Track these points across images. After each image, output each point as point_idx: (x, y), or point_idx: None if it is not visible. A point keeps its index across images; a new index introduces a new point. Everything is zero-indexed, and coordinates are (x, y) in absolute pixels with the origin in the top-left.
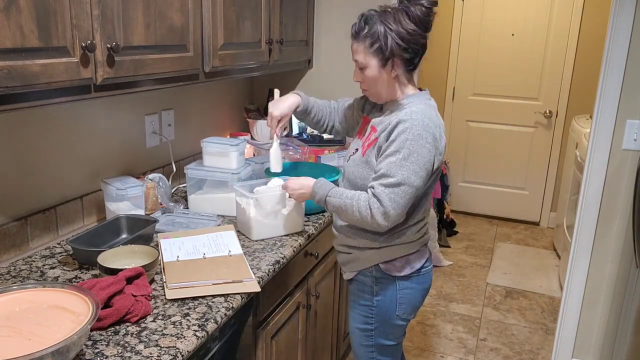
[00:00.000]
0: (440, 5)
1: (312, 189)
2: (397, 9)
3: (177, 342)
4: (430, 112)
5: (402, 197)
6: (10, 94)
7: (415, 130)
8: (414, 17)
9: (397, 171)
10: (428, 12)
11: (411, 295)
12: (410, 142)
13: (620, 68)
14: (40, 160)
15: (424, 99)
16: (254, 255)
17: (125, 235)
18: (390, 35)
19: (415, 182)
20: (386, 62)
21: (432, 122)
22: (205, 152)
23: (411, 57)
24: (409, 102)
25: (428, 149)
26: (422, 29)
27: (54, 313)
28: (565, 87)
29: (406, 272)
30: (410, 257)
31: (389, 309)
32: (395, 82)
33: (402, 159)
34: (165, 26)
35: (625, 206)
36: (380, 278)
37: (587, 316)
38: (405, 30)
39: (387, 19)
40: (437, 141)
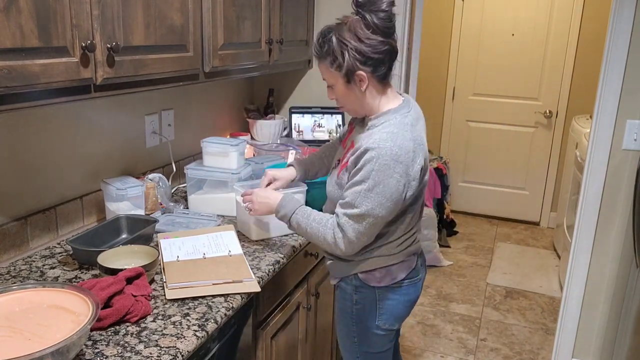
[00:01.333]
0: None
1: (276, 202)
2: (354, 20)
3: (177, 342)
4: (402, 135)
5: (366, 228)
6: (10, 94)
7: (382, 160)
8: (371, 25)
9: (362, 202)
10: (386, 17)
11: (392, 307)
12: (376, 173)
13: (620, 68)
14: (40, 160)
15: (400, 116)
16: (254, 255)
17: (125, 235)
18: (346, 50)
19: (380, 214)
20: (350, 78)
21: (403, 149)
22: (205, 152)
23: (375, 67)
24: (382, 122)
25: (396, 179)
26: (382, 35)
27: (54, 313)
28: (565, 87)
29: (386, 283)
30: (392, 268)
31: (368, 318)
32: (368, 95)
33: (366, 189)
34: (165, 26)
35: (625, 206)
36: (359, 287)
37: (587, 316)
38: (363, 41)
39: (342, 34)
40: (409, 167)
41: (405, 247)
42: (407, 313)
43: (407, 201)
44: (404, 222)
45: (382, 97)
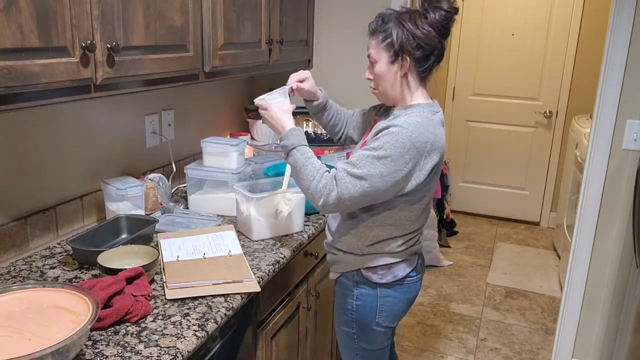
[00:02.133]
0: None
1: (285, 129)
2: (416, 11)
3: (177, 342)
4: (426, 127)
5: (358, 192)
6: (10, 94)
7: (401, 137)
8: (431, 20)
9: (365, 165)
10: (447, 17)
11: (392, 304)
12: (390, 146)
13: (621, 68)
14: (40, 160)
15: (427, 111)
16: (254, 255)
17: (125, 235)
18: (402, 31)
19: (377, 184)
20: (395, 57)
21: (422, 136)
22: (205, 152)
23: (422, 57)
24: (411, 112)
25: (406, 160)
26: (437, 32)
27: (54, 313)
28: (566, 87)
29: (387, 280)
30: (394, 266)
31: (368, 315)
32: (403, 83)
33: (374, 156)
34: (165, 26)
35: (626, 206)
36: (361, 283)
37: (587, 316)
38: (419, 29)
39: (403, 18)
40: (422, 156)
41: (409, 247)
42: (406, 311)
43: (413, 194)
44: (407, 219)
45: (416, 92)
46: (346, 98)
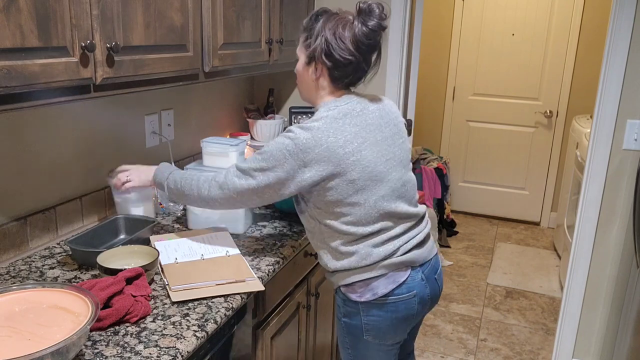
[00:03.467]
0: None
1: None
2: (345, 19)
3: (176, 343)
4: (318, 127)
5: (239, 183)
6: (10, 93)
7: (283, 137)
8: (353, 32)
9: (249, 162)
10: (368, 34)
11: (378, 323)
12: (272, 144)
13: (621, 68)
14: (40, 160)
15: (324, 110)
16: (254, 256)
17: (123, 236)
18: (321, 37)
19: (258, 178)
20: (310, 61)
21: (301, 134)
22: (205, 152)
23: (333, 66)
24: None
25: (285, 155)
26: (354, 46)
27: (53, 313)
28: (566, 87)
29: (367, 298)
30: (371, 282)
31: (356, 332)
32: (316, 87)
33: (258, 153)
34: (165, 26)
35: (626, 206)
36: (345, 300)
37: (588, 316)
38: (336, 40)
39: (328, 24)
40: (304, 152)
41: (381, 259)
42: (397, 331)
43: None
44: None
45: (326, 97)
46: None
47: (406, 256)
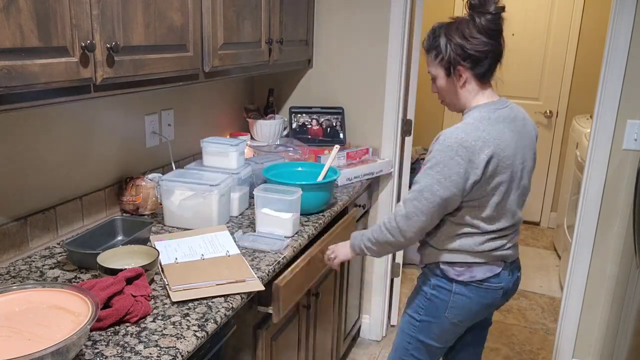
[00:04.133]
0: (440, 5)
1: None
2: (463, 20)
3: (176, 343)
4: (475, 126)
5: (424, 204)
6: (10, 93)
7: (447, 142)
8: (479, 26)
9: (422, 178)
10: (494, 19)
11: (464, 303)
12: (439, 153)
13: (621, 68)
14: (40, 160)
15: (484, 111)
16: (254, 256)
17: (121, 237)
18: (449, 45)
19: (439, 192)
20: (450, 71)
21: (470, 135)
22: (205, 152)
23: (474, 64)
24: (467, 115)
25: (457, 161)
26: (487, 36)
27: (53, 313)
28: (566, 87)
29: (464, 278)
30: (474, 266)
31: (439, 307)
32: (464, 91)
33: (428, 167)
34: (165, 26)
35: (626, 206)
36: (439, 276)
37: (588, 316)
38: (466, 39)
39: (450, 31)
40: (473, 154)
41: (490, 249)
42: (477, 315)
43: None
44: (477, 218)
45: (479, 94)
46: (346, 98)
47: (505, 252)
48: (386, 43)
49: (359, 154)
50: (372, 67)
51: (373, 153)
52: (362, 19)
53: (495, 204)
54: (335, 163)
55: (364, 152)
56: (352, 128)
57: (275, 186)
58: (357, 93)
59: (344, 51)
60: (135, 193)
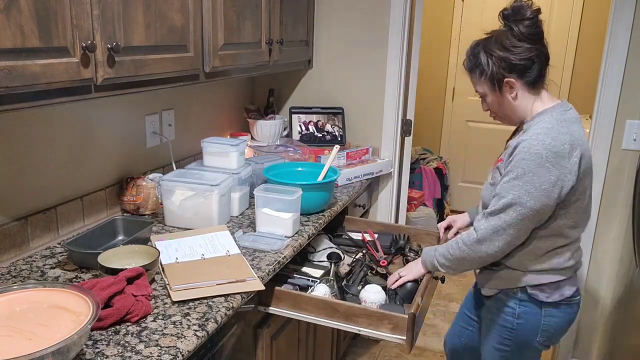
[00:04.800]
0: (440, 5)
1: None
2: (501, 32)
3: (177, 342)
4: (557, 129)
5: (512, 217)
6: (11, 94)
7: (534, 149)
8: (518, 34)
9: (509, 191)
10: (533, 24)
11: (556, 324)
12: (526, 162)
13: (620, 68)
14: (41, 160)
15: (557, 112)
16: (254, 255)
17: (121, 237)
18: (491, 60)
19: (528, 203)
20: (498, 86)
21: (557, 140)
22: (205, 152)
23: (522, 73)
24: (539, 120)
25: (547, 168)
26: (529, 42)
27: (54, 313)
28: (565, 87)
29: (554, 299)
30: (562, 284)
31: (529, 334)
32: (520, 100)
33: (514, 177)
34: (166, 26)
35: (625, 206)
36: (524, 301)
37: (587, 316)
38: (508, 50)
39: (489, 46)
40: (564, 158)
41: (576, 261)
42: (564, 333)
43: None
44: (569, 229)
45: (536, 101)
46: (346, 98)
47: (581, 262)
48: (386, 43)
49: (359, 154)
50: (372, 67)
51: (373, 153)
52: (362, 19)
53: (582, 209)
54: (335, 163)
55: (364, 152)
56: (352, 128)
57: (275, 186)
58: (357, 93)
59: (343, 51)
60: (136, 193)
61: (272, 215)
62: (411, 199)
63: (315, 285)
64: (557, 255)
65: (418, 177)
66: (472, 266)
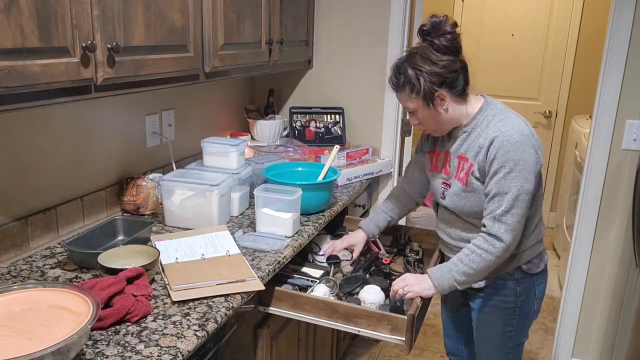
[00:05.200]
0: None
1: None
2: (423, 47)
3: (177, 342)
4: (511, 118)
5: (523, 208)
6: (11, 94)
7: (512, 139)
8: (440, 48)
9: (511, 185)
10: (452, 37)
11: (543, 289)
12: (512, 153)
13: (620, 68)
14: (41, 160)
15: (492, 106)
16: (254, 255)
17: (121, 237)
18: (421, 76)
19: (530, 188)
20: (430, 101)
21: (521, 125)
22: (205, 152)
23: (452, 85)
24: (482, 118)
25: (529, 151)
26: (453, 54)
27: (54, 313)
28: (565, 87)
29: (542, 268)
30: (543, 252)
31: (530, 306)
32: (451, 111)
33: (509, 172)
34: (166, 26)
35: (625, 206)
36: (521, 279)
37: (587, 316)
38: (435, 64)
39: (415, 62)
40: (531, 138)
41: (542, 230)
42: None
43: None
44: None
45: (467, 105)
46: (346, 98)
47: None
48: (386, 43)
49: (359, 154)
50: (372, 67)
51: (373, 153)
52: (362, 19)
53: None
54: (335, 163)
55: (364, 152)
56: (352, 128)
57: (275, 186)
58: (357, 93)
59: (343, 51)
60: (136, 193)
61: (272, 215)
62: None
63: (315, 285)
64: (537, 227)
65: None
66: (489, 272)
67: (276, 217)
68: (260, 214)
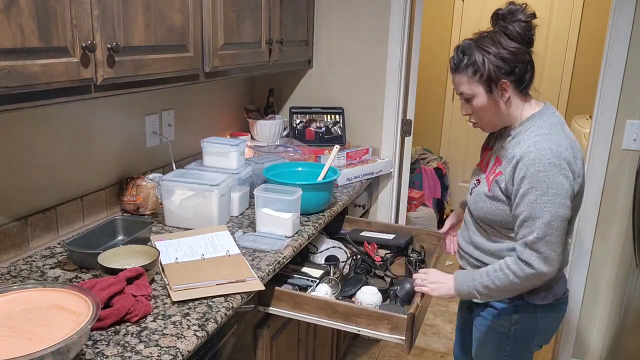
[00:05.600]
0: (440, 5)
1: (453, 284)
2: (495, 32)
3: (177, 342)
4: (555, 134)
5: (558, 236)
6: (11, 94)
7: (545, 160)
8: (513, 35)
9: (543, 209)
10: (528, 26)
11: (550, 324)
12: (544, 174)
13: (620, 68)
14: (41, 160)
15: (546, 117)
16: (254, 255)
17: (121, 237)
18: (488, 59)
19: (565, 213)
20: (492, 87)
21: (561, 146)
22: (205, 152)
23: (518, 76)
24: (529, 128)
25: (565, 175)
26: (525, 45)
27: (54, 313)
28: (565, 87)
29: (548, 301)
30: (554, 285)
31: (526, 337)
32: (509, 106)
33: (541, 194)
34: (166, 26)
35: (625, 206)
36: (520, 306)
37: (587, 316)
38: (506, 50)
39: (484, 44)
40: (571, 163)
41: (565, 257)
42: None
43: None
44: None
45: (525, 106)
46: (346, 98)
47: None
48: (386, 43)
49: (359, 154)
50: (372, 67)
51: (373, 153)
52: (362, 19)
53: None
54: (335, 163)
55: (364, 152)
56: (352, 128)
57: (275, 186)
58: (357, 93)
59: (343, 51)
60: (136, 193)
61: (272, 215)
62: (411, 199)
63: (314, 285)
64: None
65: (418, 177)
66: (516, 293)
67: (276, 217)
68: (260, 214)
